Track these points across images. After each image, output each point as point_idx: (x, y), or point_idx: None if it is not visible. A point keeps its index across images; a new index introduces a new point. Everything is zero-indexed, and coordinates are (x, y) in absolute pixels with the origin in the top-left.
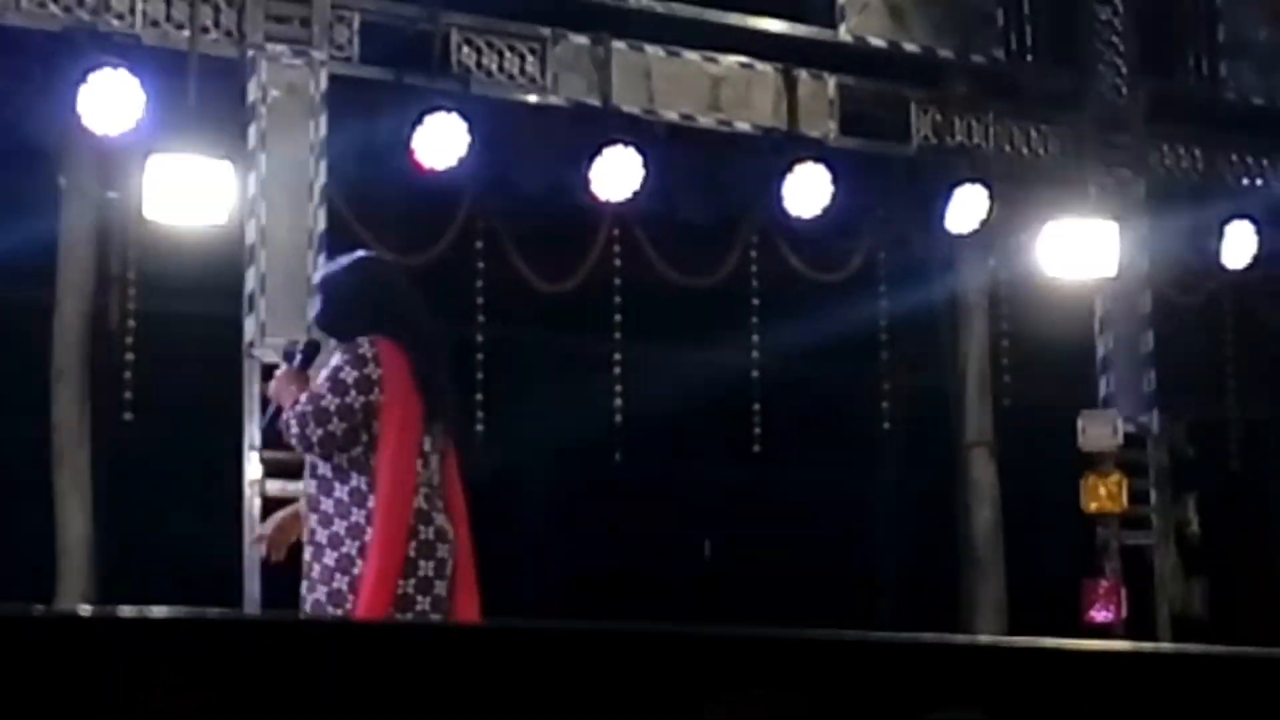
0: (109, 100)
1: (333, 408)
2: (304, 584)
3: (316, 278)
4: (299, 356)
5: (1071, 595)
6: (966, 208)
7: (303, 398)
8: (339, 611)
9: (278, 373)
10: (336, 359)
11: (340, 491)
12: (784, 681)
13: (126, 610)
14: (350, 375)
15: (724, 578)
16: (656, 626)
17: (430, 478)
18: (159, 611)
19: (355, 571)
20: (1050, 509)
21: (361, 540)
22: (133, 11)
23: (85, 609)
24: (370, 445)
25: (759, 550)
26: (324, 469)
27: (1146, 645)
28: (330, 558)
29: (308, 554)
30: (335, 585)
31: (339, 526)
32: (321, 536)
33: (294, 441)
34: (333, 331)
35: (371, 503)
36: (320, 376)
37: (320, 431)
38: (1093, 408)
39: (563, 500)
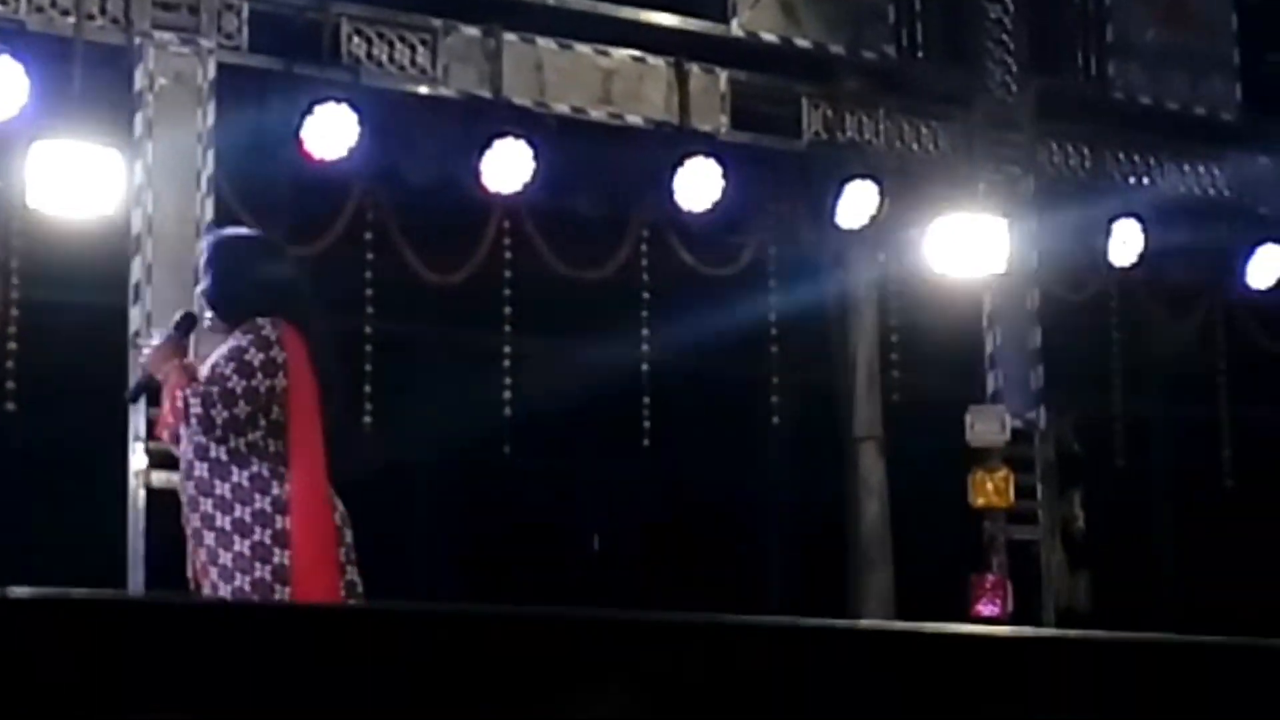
0: None
1: (239, 390)
2: (210, 571)
3: (206, 249)
4: (174, 328)
5: (959, 589)
6: (857, 203)
7: (203, 374)
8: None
9: (151, 342)
10: (238, 339)
11: (239, 476)
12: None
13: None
14: (256, 358)
15: (612, 570)
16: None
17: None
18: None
19: (277, 561)
20: (938, 503)
21: (273, 529)
22: None
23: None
24: (269, 430)
25: (648, 543)
26: (218, 452)
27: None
28: (243, 545)
29: (209, 539)
30: (258, 574)
31: (243, 513)
32: (224, 523)
33: (192, 421)
34: (229, 309)
35: (276, 489)
36: (216, 356)
37: (226, 414)
38: (981, 403)
39: (451, 494)
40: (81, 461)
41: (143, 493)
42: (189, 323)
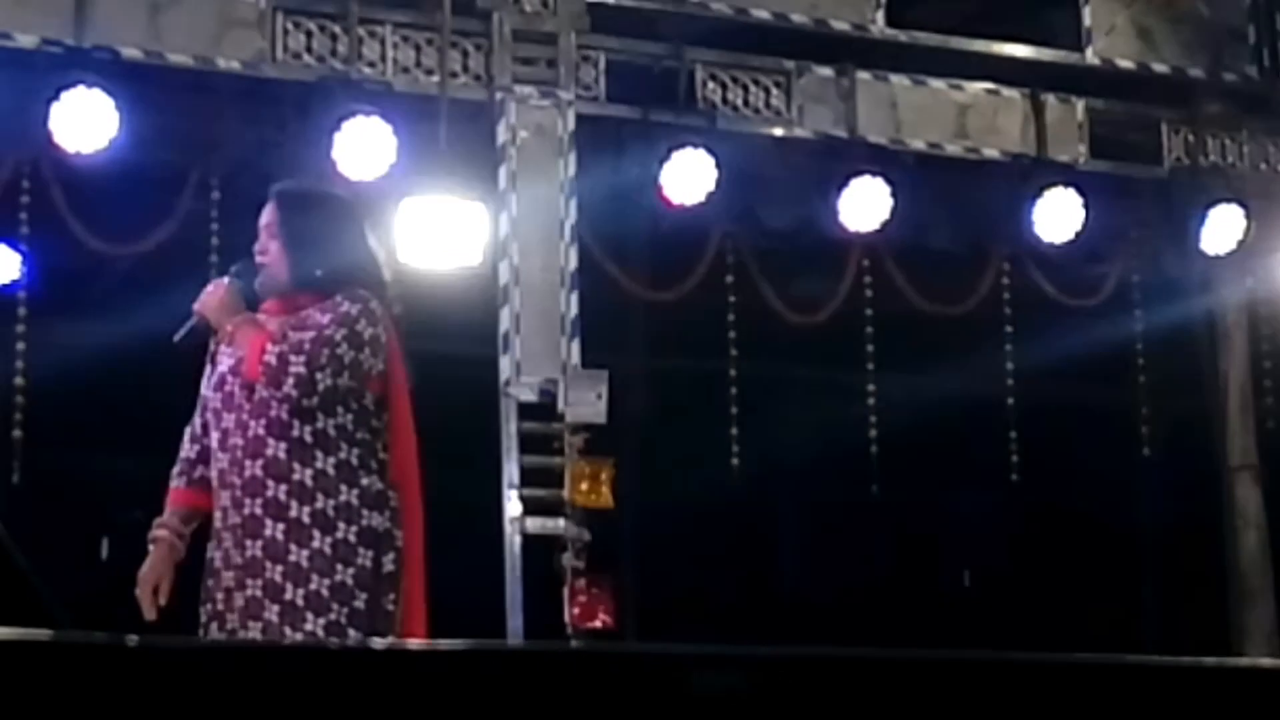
0: (362, 146)
1: (347, 360)
2: (266, 570)
3: (304, 201)
4: (234, 275)
5: None
6: (1222, 228)
7: (307, 337)
8: (345, 609)
9: (212, 286)
10: (343, 306)
11: (324, 463)
12: (1033, 711)
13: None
14: (366, 331)
15: (983, 606)
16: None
17: None
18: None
19: (360, 563)
20: None
21: (359, 525)
22: (384, 59)
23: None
24: (358, 415)
25: (1019, 578)
26: (302, 431)
27: None
28: (323, 542)
29: (274, 531)
30: (338, 578)
31: (325, 505)
32: (300, 513)
33: (287, 383)
34: (334, 275)
35: (365, 481)
36: (314, 319)
37: (330, 382)
38: None
39: (819, 531)
40: (456, 509)
41: (518, 539)
42: (252, 273)
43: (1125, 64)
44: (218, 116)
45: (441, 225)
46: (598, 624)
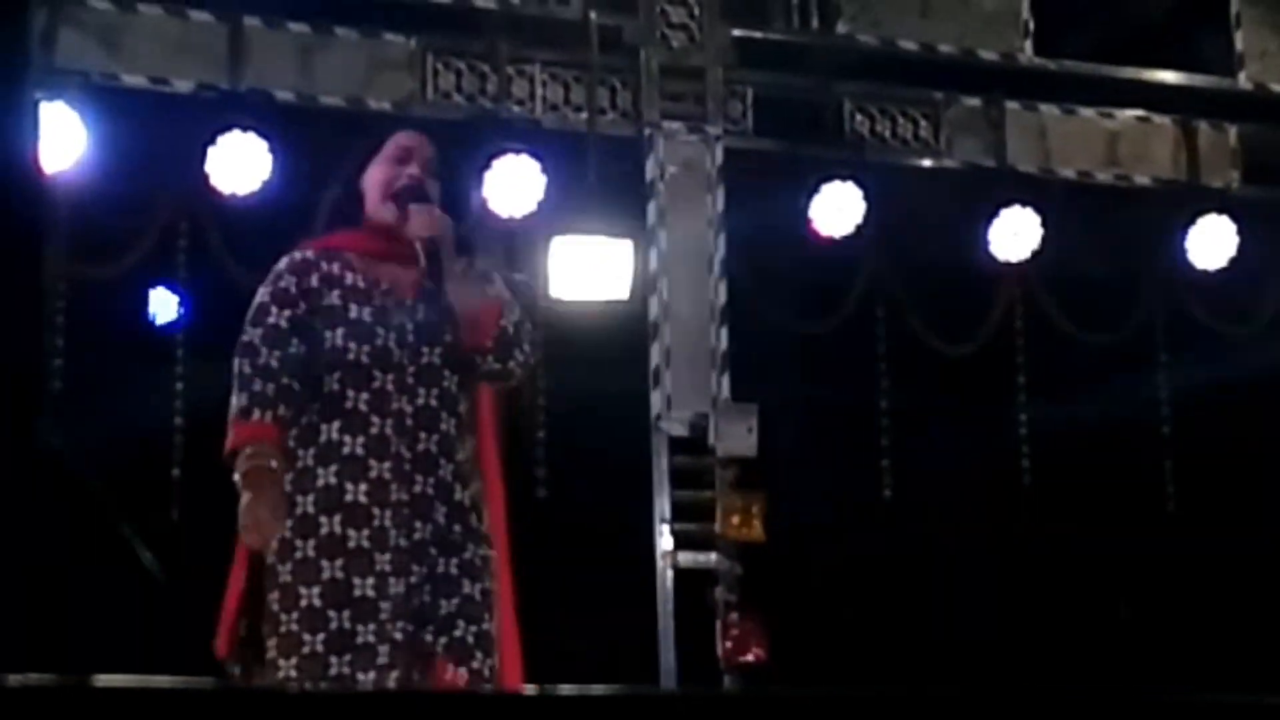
0: (512, 184)
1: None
2: (445, 564)
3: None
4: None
5: None
6: None
7: (517, 309)
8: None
9: (431, 210)
10: (499, 284)
11: (464, 452)
12: None
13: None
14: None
15: (1141, 643)
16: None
17: None
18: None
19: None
20: None
21: (484, 531)
22: (532, 97)
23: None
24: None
25: (1177, 616)
26: (462, 410)
27: None
28: (483, 530)
29: (440, 516)
30: (489, 585)
31: (476, 490)
32: (464, 497)
33: (509, 347)
34: (461, 241)
35: (476, 484)
36: (499, 288)
37: (525, 355)
38: None
39: (973, 566)
40: (610, 544)
41: (671, 574)
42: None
43: (1278, 89)
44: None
45: (591, 261)
46: (750, 658)
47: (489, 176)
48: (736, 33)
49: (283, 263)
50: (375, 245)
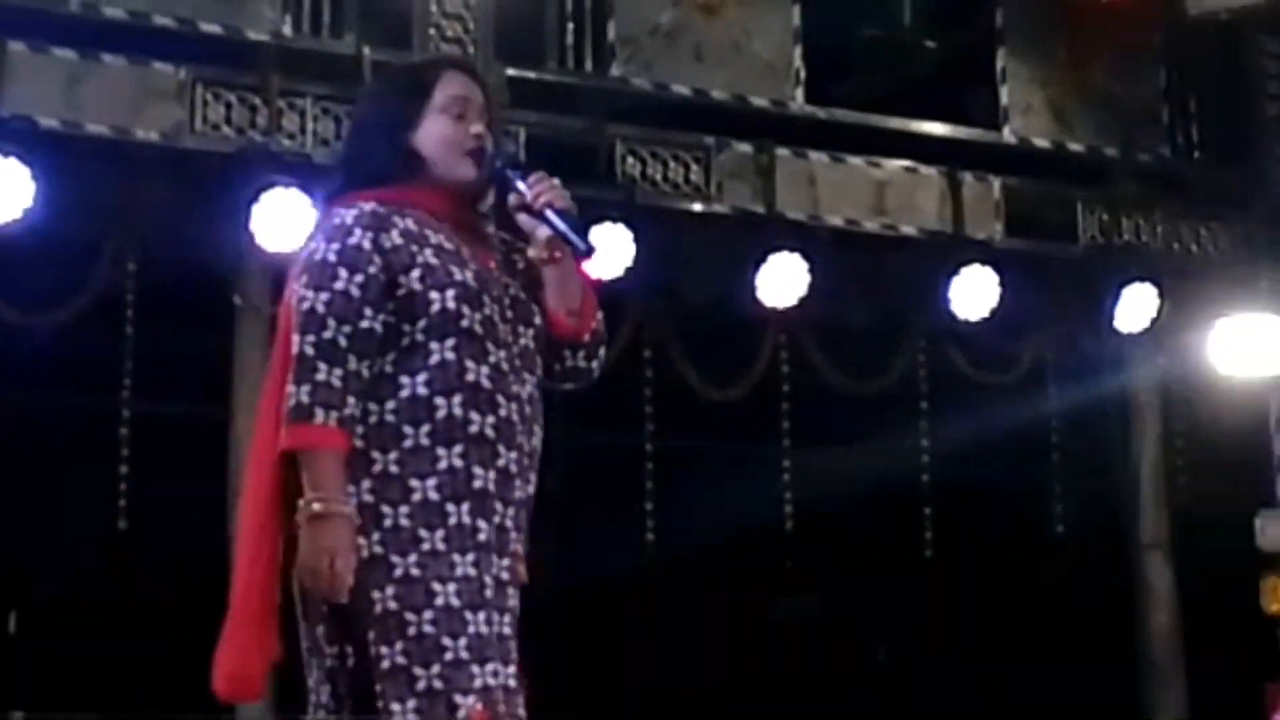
0: (281, 218)
1: None
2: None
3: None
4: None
5: (1255, 700)
6: (1136, 307)
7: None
8: None
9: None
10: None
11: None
12: None
13: None
14: None
15: (897, 684)
16: None
17: None
18: None
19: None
20: (1229, 611)
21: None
22: (304, 131)
23: None
24: None
25: (932, 657)
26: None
27: None
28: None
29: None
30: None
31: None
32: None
33: (600, 346)
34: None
35: None
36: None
37: (602, 361)
38: (1270, 506)
39: (734, 605)
40: None
41: None
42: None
43: (1041, 143)
44: (135, 187)
45: None
46: None
47: (257, 210)
48: (510, 72)
49: (346, 215)
50: (448, 206)
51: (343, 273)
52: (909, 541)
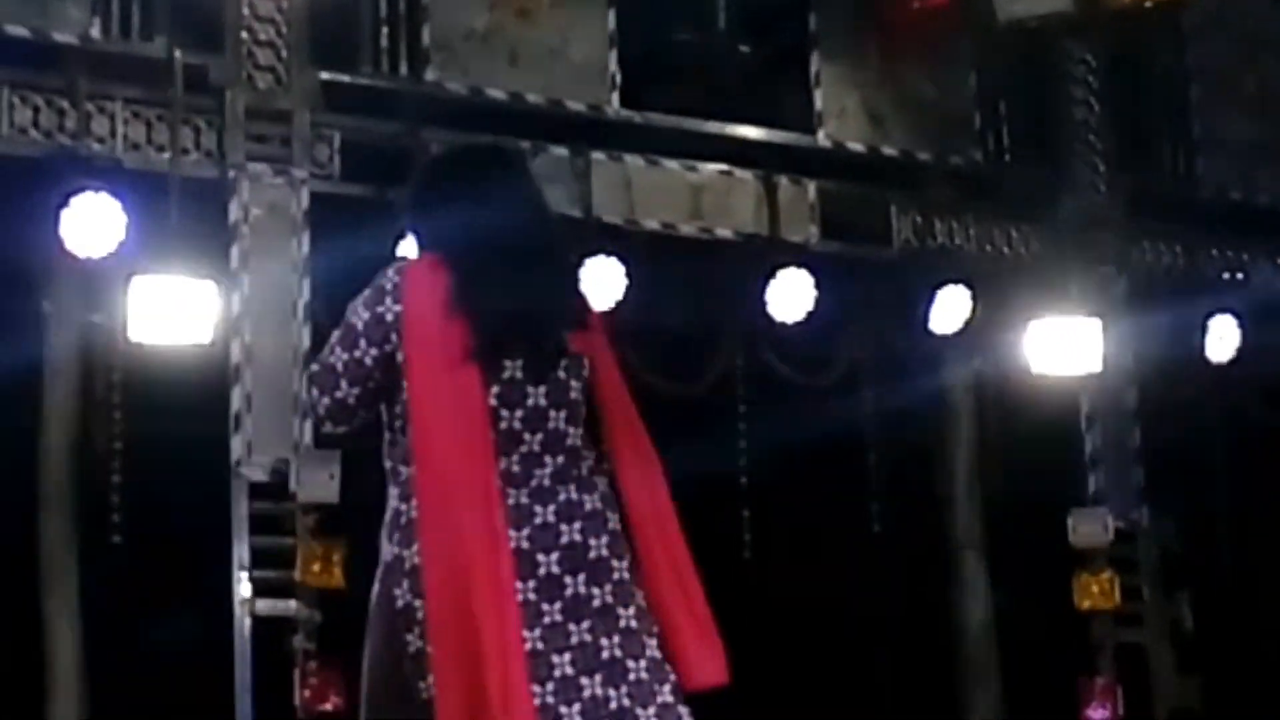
0: (91, 223)
1: None
2: (601, 644)
3: None
4: None
5: (1068, 694)
6: (949, 308)
7: None
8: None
9: None
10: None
11: (604, 485)
12: None
13: None
14: None
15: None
16: None
17: None
18: None
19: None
20: (1043, 608)
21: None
22: (114, 135)
23: None
24: None
25: (750, 655)
26: (575, 439)
27: None
28: (633, 584)
29: (583, 585)
30: (652, 653)
31: (616, 529)
32: (607, 550)
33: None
34: None
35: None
36: None
37: None
38: (1082, 504)
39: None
40: (187, 591)
41: (249, 621)
42: None
43: (856, 146)
44: None
45: (172, 303)
46: (328, 706)
47: (67, 215)
48: (324, 76)
49: None
50: None
51: None
52: (727, 543)
